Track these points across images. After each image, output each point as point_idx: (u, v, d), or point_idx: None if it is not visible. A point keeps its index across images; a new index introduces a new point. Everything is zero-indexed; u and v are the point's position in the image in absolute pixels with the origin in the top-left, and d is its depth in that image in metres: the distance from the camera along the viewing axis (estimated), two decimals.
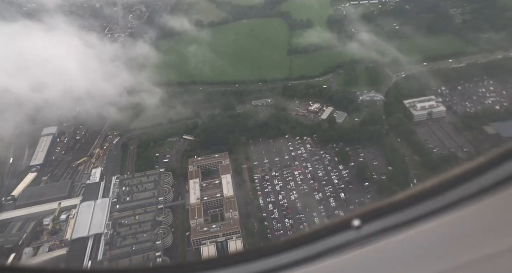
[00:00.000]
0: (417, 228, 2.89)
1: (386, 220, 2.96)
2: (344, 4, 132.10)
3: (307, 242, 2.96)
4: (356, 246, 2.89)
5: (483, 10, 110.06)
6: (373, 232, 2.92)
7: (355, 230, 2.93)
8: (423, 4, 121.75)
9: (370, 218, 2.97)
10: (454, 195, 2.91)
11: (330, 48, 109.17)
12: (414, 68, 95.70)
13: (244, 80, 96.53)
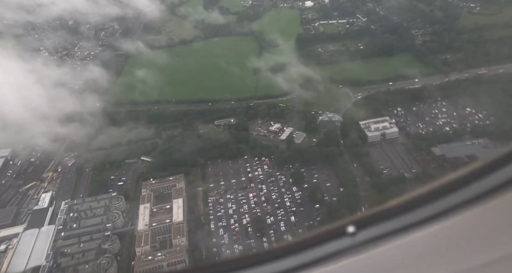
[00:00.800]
0: (412, 234, 2.83)
1: (381, 227, 2.90)
2: (314, 24, 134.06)
3: (302, 249, 2.89)
4: (351, 253, 2.83)
5: (442, 32, 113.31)
6: (368, 239, 2.86)
7: (350, 237, 2.87)
8: (388, 25, 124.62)
9: (365, 224, 2.90)
10: (449, 202, 2.82)
11: (296, 67, 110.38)
12: (373, 88, 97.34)
13: (209, 99, 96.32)
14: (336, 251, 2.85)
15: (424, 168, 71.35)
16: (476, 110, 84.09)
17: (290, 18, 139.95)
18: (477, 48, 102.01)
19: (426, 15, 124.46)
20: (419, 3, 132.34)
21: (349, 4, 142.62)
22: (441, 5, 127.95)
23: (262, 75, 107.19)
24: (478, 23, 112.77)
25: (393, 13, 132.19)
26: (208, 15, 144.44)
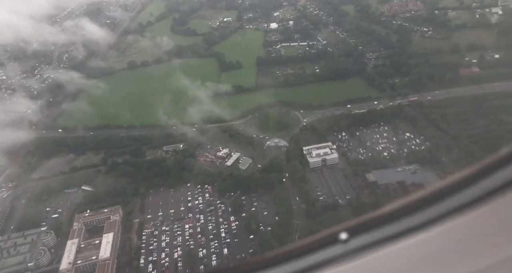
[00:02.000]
0: (405, 241, 2.76)
1: (374, 233, 2.82)
2: (276, 46, 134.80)
3: (294, 256, 2.81)
4: (344, 260, 2.76)
5: (393, 56, 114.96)
6: (362, 245, 2.78)
7: (343, 244, 2.79)
8: (345, 48, 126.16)
9: (358, 231, 2.83)
10: (442, 207, 2.76)
11: (253, 90, 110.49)
12: (323, 112, 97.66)
13: (161, 124, 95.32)
14: (329, 258, 2.77)
15: (357, 194, 71.25)
16: (415, 135, 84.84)
17: (254, 40, 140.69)
18: (422, 73, 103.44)
19: (381, 38, 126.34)
20: (377, 26, 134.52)
21: (311, 26, 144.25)
22: (397, 29, 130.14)
23: (217, 99, 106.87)
24: (427, 47, 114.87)
25: (351, 36, 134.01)
26: (175, 37, 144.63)
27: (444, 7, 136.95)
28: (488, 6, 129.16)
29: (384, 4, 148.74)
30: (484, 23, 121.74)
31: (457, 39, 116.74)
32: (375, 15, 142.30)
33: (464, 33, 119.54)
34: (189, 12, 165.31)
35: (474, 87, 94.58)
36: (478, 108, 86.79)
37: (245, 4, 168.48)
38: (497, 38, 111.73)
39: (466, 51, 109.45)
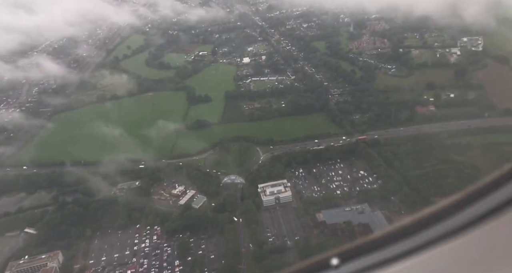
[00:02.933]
0: (396, 266, 2.77)
1: (365, 259, 2.81)
2: (246, 80, 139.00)
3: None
4: None
5: (356, 93, 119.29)
6: (352, 271, 2.77)
7: (334, 270, 2.80)
8: (311, 83, 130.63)
9: (349, 257, 2.83)
10: (433, 232, 2.79)
11: (218, 125, 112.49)
12: (283, 148, 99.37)
13: (121, 159, 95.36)
14: None
15: (306, 235, 71.18)
16: (368, 173, 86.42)
17: (226, 74, 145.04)
18: (381, 110, 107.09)
19: (347, 75, 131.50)
20: (344, 63, 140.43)
21: (282, 62, 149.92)
22: (362, 65, 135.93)
23: (181, 133, 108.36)
24: (389, 85, 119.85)
25: (319, 72, 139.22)
26: (149, 70, 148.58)
27: (408, 45, 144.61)
28: (448, 46, 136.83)
29: (353, 41, 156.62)
30: (444, 62, 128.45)
31: (417, 77, 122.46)
32: (344, 51, 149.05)
33: (425, 71, 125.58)
34: (166, 45, 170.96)
35: (429, 126, 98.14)
36: (430, 147, 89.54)
37: (222, 39, 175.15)
38: (454, 77, 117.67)
39: (424, 90, 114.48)
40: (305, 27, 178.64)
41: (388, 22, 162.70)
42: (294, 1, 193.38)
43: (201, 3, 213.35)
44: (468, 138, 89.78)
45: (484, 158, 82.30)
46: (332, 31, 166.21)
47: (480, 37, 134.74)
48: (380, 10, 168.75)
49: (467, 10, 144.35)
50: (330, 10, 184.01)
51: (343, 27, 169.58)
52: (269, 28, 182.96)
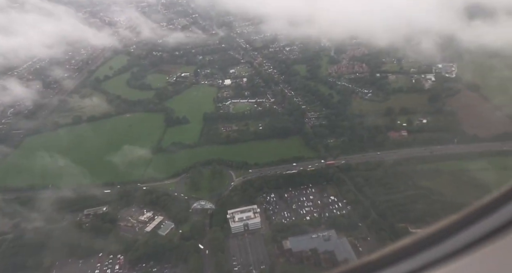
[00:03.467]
0: None
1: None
2: (226, 102, 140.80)
3: None
4: None
5: (332, 116, 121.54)
6: None
7: None
8: (289, 106, 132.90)
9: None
10: (430, 255, 2.86)
11: (193, 147, 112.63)
12: (257, 171, 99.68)
13: (90, 184, 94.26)
14: None
15: (272, 263, 70.33)
16: (338, 199, 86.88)
17: (206, 95, 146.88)
18: (355, 134, 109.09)
19: (324, 98, 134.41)
20: (323, 86, 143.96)
21: (263, 84, 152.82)
22: (340, 89, 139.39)
23: (155, 156, 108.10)
24: (364, 109, 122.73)
25: (298, 95, 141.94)
26: (129, 91, 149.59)
27: (386, 70, 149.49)
28: (424, 72, 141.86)
29: (333, 65, 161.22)
30: (418, 88, 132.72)
31: (392, 102, 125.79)
32: (323, 75, 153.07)
33: (400, 96, 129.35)
34: (149, 66, 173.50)
35: (400, 151, 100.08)
36: (400, 172, 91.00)
37: (205, 60, 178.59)
38: (427, 103, 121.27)
39: (398, 114, 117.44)
40: (287, 50, 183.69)
41: (368, 47, 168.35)
42: (278, 26, 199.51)
43: (187, 26, 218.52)
44: (437, 164, 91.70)
45: (450, 184, 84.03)
46: (314, 55, 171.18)
47: (454, 64, 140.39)
48: (360, 35, 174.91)
49: (441, 39, 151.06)
50: (313, 34, 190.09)
51: (324, 51, 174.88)
52: (252, 50, 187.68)
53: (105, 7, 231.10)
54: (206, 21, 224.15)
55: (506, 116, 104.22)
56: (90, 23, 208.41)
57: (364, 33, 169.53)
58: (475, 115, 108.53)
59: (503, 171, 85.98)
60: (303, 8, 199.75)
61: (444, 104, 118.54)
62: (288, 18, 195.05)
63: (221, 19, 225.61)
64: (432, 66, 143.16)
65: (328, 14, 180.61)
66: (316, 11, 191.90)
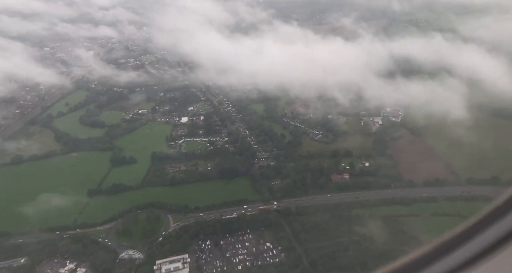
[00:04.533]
0: None
1: None
2: (179, 140, 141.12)
3: None
4: None
5: (280, 157, 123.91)
6: None
7: None
8: (242, 146, 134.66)
9: None
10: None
11: (135, 189, 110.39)
12: (196, 216, 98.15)
13: (10, 232, 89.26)
14: None
15: None
16: (274, 245, 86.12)
17: (160, 133, 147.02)
18: (299, 177, 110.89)
19: (276, 138, 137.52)
20: (277, 126, 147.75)
21: (219, 122, 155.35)
22: (292, 130, 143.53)
23: (92, 199, 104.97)
24: (312, 151, 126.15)
25: (252, 134, 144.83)
26: (81, 128, 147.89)
27: (338, 112, 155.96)
28: (373, 115, 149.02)
29: (289, 105, 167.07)
30: (366, 131, 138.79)
31: (340, 144, 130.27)
32: (279, 115, 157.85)
33: (348, 138, 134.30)
34: (107, 102, 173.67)
35: (339, 195, 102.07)
36: (336, 217, 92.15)
37: (165, 97, 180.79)
38: (371, 146, 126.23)
39: (344, 157, 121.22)
40: (248, 89, 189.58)
41: (322, 89, 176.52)
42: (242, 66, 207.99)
43: (154, 62, 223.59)
44: (372, 209, 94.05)
45: (381, 231, 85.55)
46: (273, 95, 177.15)
47: (401, 109, 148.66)
48: (318, 78, 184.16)
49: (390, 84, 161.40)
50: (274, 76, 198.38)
51: (284, 92, 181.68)
52: (215, 88, 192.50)
53: (72, 43, 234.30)
54: (173, 58, 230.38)
55: (442, 162, 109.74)
56: (53, 59, 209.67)
57: (322, 76, 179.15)
58: (413, 160, 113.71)
59: (432, 217, 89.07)
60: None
61: (387, 148, 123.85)
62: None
63: (188, 57, 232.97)
64: (380, 110, 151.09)
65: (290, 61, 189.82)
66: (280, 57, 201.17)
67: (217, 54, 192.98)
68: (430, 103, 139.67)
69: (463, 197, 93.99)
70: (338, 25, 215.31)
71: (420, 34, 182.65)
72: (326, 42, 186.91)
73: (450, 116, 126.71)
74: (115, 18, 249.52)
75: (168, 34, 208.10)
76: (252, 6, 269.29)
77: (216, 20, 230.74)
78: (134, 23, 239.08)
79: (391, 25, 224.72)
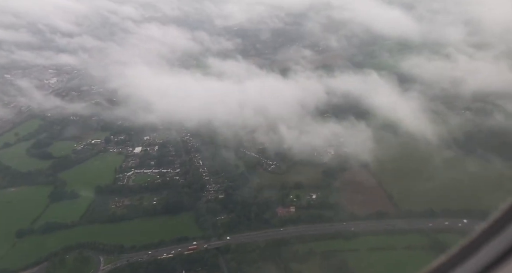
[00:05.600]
0: None
1: None
2: (128, 172, 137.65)
3: None
4: None
5: (229, 190, 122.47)
6: None
7: None
8: (191, 178, 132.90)
9: None
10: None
11: (70, 227, 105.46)
12: (130, 256, 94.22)
13: None
14: None
15: None
16: None
17: (109, 165, 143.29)
18: (244, 211, 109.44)
19: (230, 169, 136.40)
20: (232, 155, 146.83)
21: (173, 153, 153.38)
22: (247, 160, 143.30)
23: (21, 240, 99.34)
24: (262, 182, 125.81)
25: (205, 164, 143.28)
26: (26, 161, 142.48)
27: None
28: (326, 144, 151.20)
29: (249, 134, 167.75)
30: (318, 161, 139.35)
31: (291, 175, 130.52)
32: (235, 145, 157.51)
33: (299, 169, 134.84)
34: (60, 132, 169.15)
35: (283, 229, 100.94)
36: (275, 254, 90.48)
37: (121, 126, 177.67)
38: (321, 177, 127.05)
39: (293, 189, 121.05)
40: (205, 118, 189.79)
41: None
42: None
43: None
44: (313, 244, 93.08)
45: (319, 267, 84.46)
46: (229, 124, 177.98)
47: (353, 139, 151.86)
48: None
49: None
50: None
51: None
52: (173, 117, 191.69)
53: (30, 71, 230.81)
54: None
55: (386, 195, 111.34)
56: (6, 87, 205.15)
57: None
58: (359, 192, 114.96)
59: (369, 252, 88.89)
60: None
61: (336, 179, 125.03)
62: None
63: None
64: (336, 138, 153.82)
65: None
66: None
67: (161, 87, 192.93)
68: (375, 136, 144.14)
69: (401, 230, 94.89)
70: (289, 59, 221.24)
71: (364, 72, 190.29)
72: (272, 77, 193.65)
73: (398, 147, 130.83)
74: (80, 46, 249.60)
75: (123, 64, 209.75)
76: (220, 35, 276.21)
77: (178, 50, 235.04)
78: (99, 51, 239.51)
79: (353, 57, 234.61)
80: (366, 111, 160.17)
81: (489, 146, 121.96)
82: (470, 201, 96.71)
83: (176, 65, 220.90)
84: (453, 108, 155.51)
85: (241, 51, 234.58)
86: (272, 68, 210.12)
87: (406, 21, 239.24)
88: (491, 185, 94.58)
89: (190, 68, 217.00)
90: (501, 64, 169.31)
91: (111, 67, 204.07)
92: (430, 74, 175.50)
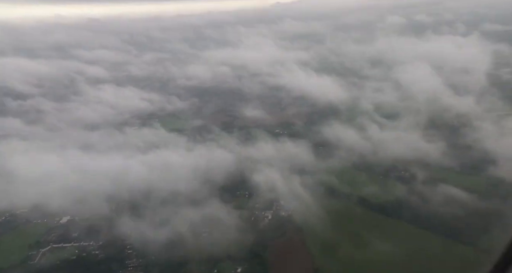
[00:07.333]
0: None
1: None
2: (44, 248, 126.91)
3: None
4: None
5: (150, 266, 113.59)
6: None
7: None
8: (113, 252, 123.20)
9: None
10: None
11: None
12: None
13: None
14: None
15: None
16: None
17: (27, 238, 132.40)
18: None
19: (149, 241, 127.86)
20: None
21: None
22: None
23: None
24: (187, 256, 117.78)
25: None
26: None
27: (234, 206, 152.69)
28: (264, 209, 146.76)
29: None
30: (253, 227, 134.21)
31: (221, 245, 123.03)
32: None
33: (231, 236, 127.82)
34: None
35: None
36: None
37: None
38: (251, 247, 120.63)
39: (219, 261, 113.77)
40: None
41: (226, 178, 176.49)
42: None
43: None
44: None
45: None
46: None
47: (293, 203, 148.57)
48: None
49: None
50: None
51: None
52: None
53: None
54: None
55: (312, 266, 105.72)
56: None
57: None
58: (286, 263, 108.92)
59: None
60: None
61: (266, 248, 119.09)
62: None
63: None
64: (274, 202, 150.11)
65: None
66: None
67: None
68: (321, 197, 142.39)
69: None
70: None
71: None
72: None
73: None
74: (33, 108, 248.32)
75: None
76: (176, 95, 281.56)
77: (127, 111, 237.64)
78: (48, 113, 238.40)
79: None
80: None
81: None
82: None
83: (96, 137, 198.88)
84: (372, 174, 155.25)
85: (194, 111, 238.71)
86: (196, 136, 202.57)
87: (335, 88, 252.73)
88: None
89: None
90: (415, 133, 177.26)
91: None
92: (349, 140, 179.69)
